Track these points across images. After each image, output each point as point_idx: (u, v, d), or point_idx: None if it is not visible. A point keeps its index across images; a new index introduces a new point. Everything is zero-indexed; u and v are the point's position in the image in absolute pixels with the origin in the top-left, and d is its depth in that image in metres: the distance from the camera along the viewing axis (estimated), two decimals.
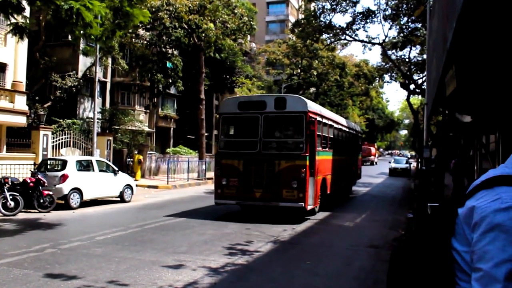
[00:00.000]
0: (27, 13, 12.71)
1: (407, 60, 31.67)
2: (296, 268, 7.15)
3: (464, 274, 1.41)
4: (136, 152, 25.23)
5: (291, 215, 12.11)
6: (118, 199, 15.55)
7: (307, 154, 11.26)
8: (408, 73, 31.49)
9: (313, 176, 11.83)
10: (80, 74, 26.63)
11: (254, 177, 11.47)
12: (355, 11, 28.54)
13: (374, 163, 56.25)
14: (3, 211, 11.61)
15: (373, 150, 58.41)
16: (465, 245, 1.40)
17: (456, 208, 1.47)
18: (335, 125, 15.41)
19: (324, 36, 31.21)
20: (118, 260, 7.19)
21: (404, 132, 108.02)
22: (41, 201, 12.50)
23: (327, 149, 13.85)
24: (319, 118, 12.64)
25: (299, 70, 44.33)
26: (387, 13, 27.43)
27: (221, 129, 12.90)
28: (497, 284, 1.26)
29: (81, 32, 10.39)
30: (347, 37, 30.35)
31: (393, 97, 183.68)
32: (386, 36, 29.50)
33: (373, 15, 27.90)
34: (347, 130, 17.81)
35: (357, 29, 29.42)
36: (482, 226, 1.32)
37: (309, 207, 11.41)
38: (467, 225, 1.39)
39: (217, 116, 12.79)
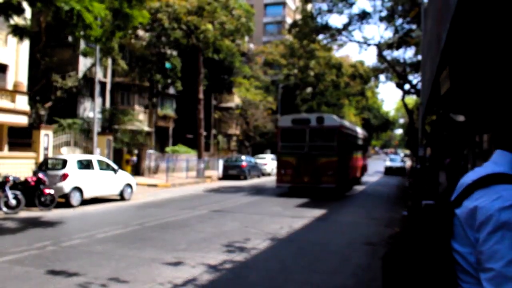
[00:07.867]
0: (27, 14, 12.82)
1: (402, 61, 31.89)
2: (293, 265, 7.28)
3: (468, 275, 1.41)
4: (127, 152, 25.43)
5: (329, 194, 17.84)
6: (119, 197, 15.68)
7: (337, 154, 17.17)
8: (403, 73, 31.69)
9: (342, 168, 17.62)
10: (80, 74, 26.65)
11: (303, 169, 17.35)
12: (351, 12, 28.55)
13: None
14: (4, 209, 11.73)
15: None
16: (467, 246, 1.40)
17: (453, 209, 1.46)
18: (354, 134, 21.84)
19: (321, 36, 31.36)
20: (118, 258, 7.32)
21: (399, 131, 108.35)
22: (42, 199, 12.63)
23: (350, 150, 19.96)
24: (345, 130, 18.53)
25: (296, 70, 44.46)
26: (382, 14, 27.63)
27: (280, 137, 18.27)
28: (510, 282, 1.28)
29: (81, 33, 10.46)
30: (343, 38, 30.53)
31: (388, 96, 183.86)
32: (381, 37, 29.75)
33: (368, 16, 28.10)
34: (361, 136, 24.86)
35: (353, 30, 29.67)
36: (488, 225, 1.33)
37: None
38: (468, 226, 1.39)
39: (276, 128, 22.34)
